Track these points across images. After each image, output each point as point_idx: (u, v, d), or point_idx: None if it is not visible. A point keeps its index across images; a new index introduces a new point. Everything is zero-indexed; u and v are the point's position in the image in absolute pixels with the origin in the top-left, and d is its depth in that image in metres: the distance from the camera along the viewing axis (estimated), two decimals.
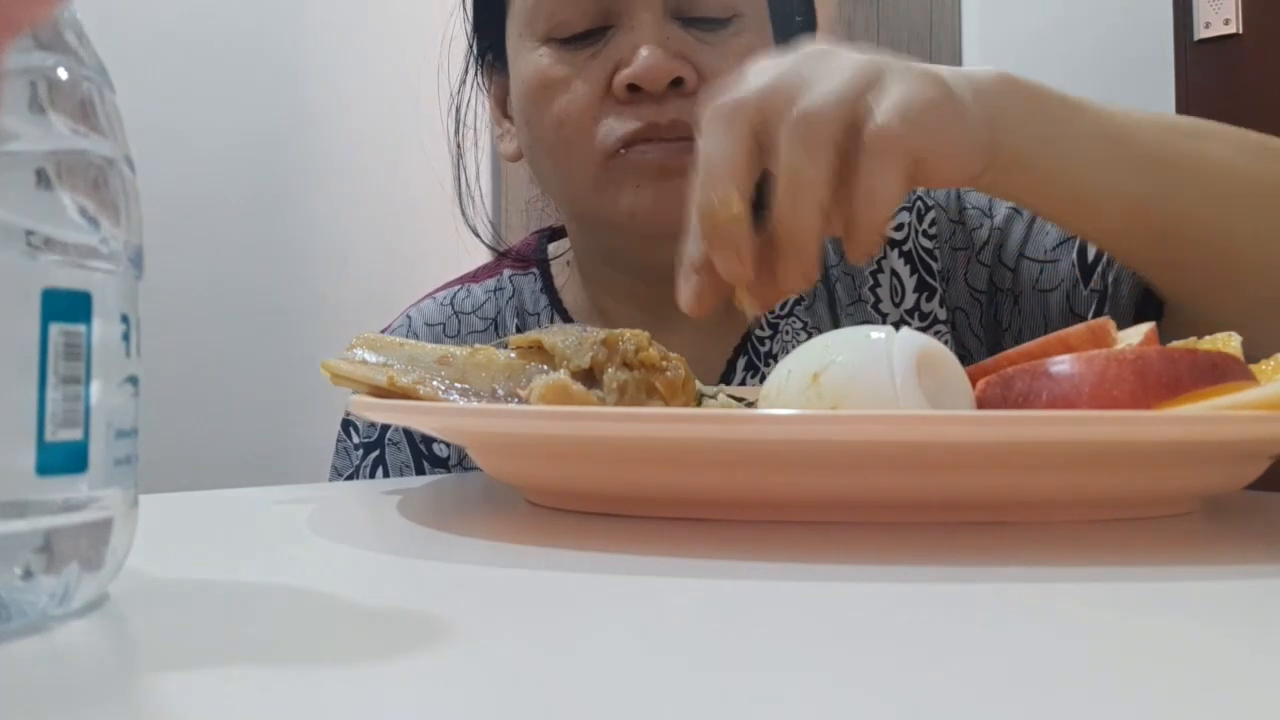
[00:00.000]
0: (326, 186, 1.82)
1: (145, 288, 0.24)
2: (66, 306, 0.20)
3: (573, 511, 0.36)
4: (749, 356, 0.66)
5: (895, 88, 0.41)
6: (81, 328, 0.20)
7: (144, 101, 1.43)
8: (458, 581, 0.26)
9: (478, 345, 0.39)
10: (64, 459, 0.20)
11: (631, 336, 0.37)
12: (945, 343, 0.64)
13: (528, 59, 0.61)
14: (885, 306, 0.66)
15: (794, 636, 0.21)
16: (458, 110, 0.72)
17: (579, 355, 0.37)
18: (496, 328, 0.70)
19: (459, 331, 0.70)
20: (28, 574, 0.20)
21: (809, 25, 0.68)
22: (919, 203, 0.68)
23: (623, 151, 0.58)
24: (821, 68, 0.41)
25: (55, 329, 0.20)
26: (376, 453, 0.68)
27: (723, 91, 0.42)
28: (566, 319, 0.70)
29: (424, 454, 0.68)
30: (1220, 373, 0.32)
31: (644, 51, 0.56)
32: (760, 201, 0.42)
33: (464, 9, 0.69)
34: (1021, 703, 0.16)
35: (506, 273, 0.73)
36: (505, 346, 0.39)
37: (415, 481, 0.50)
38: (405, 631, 0.21)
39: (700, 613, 0.23)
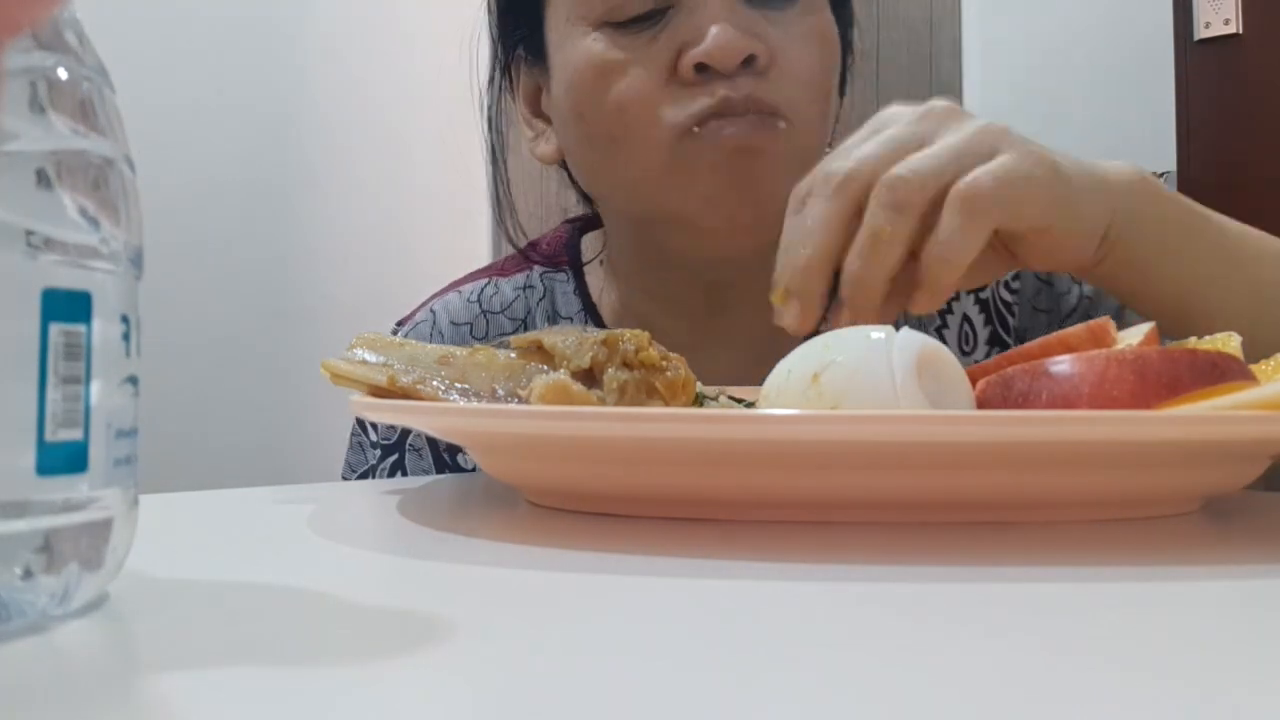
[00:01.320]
0: (327, 186, 1.82)
1: (145, 288, 0.24)
2: (66, 306, 0.20)
3: (573, 511, 0.36)
4: None
5: (1000, 158, 0.42)
6: (81, 328, 0.20)
7: (144, 101, 1.43)
8: (458, 581, 0.26)
9: (478, 345, 0.39)
10: (64, 459, 0.20)
11: (632, 337, 0.37)
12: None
13: (578, 45, 0.56)
14: (951, 350, 0.64)
15: (794, 636, 0.21)
16: (489, 114, 0.67)
17: (579, 355, 0.37)
18: (526, 328, 0.66)
19: (487, 333, 0.66)
20: (28, 574, 0.20)
21: (850, 14, 0.66)
22: None
23: (696, 130, 0.53)
24: (939, 132, 0.43)
25: (55, 329, 0.20)
26: (395, 456, 0.65)
27: (838, 155, 0.44)
28: (600, 324, 0.65)
29: (447, 463, 0.64)
30: (1220, 373, 0.32)
31: (714, 29, 0.53)
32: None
33: (489, 1, 0.65)
34: (1021, 703, 0.16)
35: (537, 270, 0.68)
36: (506, 346, 0.39)
37: (415, 482, 0.50)
38: (405, 631, 0.21)
39: (700, 613, 0.23)
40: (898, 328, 0.34)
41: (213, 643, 0.20)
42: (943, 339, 0.63)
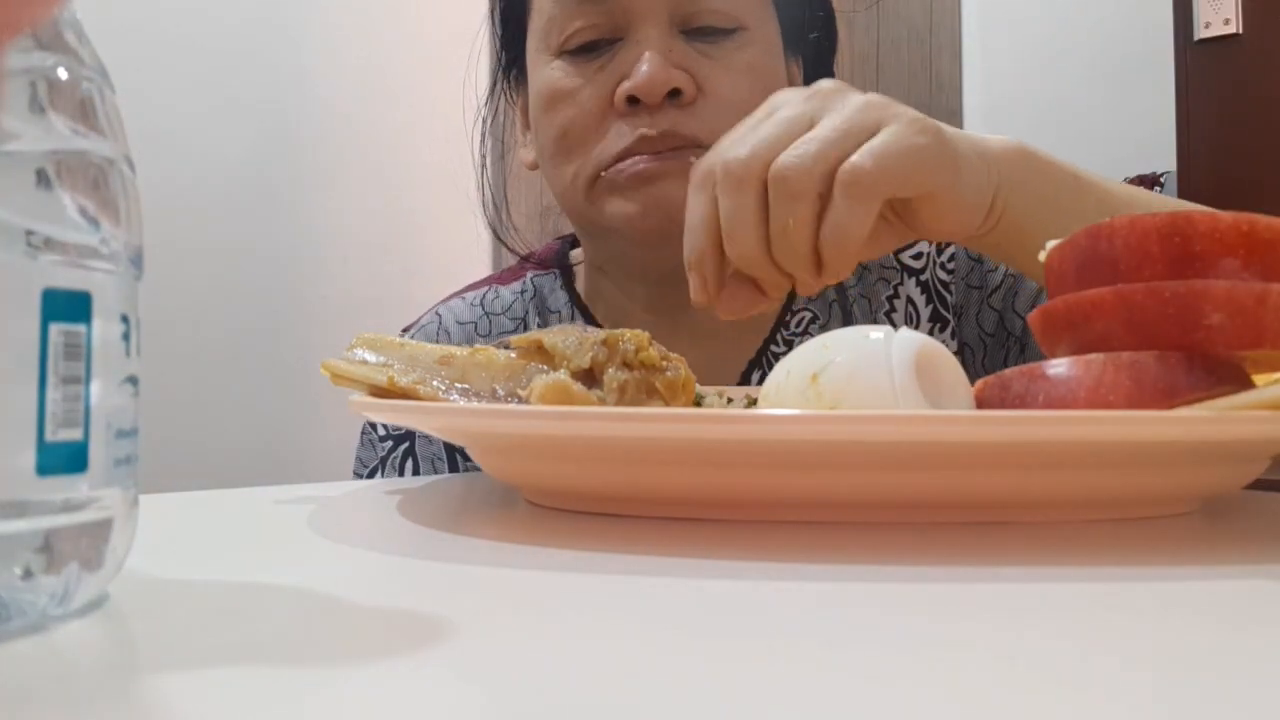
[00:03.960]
0: (327, 186, 1.82)
1: (145, 288, 0.24)
2: (66, 306, 0.20)
3: (573, 511, 0.36)
4: (764, 370, 0.68)
5: (882, 133, 0.44)
6: (81, 328, 0.20)
7: (144, 101, 1.43)
8: (458, 581, 0.26)
9: (478, 345, 0.39)
10: (64, 459, 0.20)
11: (632, 337, 0.37)
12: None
13: (542, 72, 0.63)
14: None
15: (793, 636, 0.21)
16: (484, 123, 0.75)
17: (579, 355, 0.37)
18: (525, 327, 0.72)
19: (490, 331, 0.73)
20: (28, 574, 0.20)
21: (829, 39, 0.71)
22: None
23: (617, 165, 0.60)
24: (825, 109, 0.45)
25: (55, 329, 0.20)
26: (406, 444, 0.69)
27: (735, 141, 0.46)
28: (587, 315, 0.72)
29: (456, 447, 0.68)
30: (1217, 378, 0.32)
31: (643, 65, 0.58)
32: None
33: (493, 25, 0.71)
34: (1021, 703, 0.16)
35: (530, 274, 0.75)
36: (506, 347, 0.39)
37: (415, 482, 0.50)
38: (405, 631, 0.21)
39: (700, 613, 0.23)
40: (847, 316, 0.34)
41: (213, 643, 0.20)
42: (891, 321, 0.68)
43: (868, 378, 0.32)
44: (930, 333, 0.68)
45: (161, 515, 0.36)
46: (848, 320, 0.69)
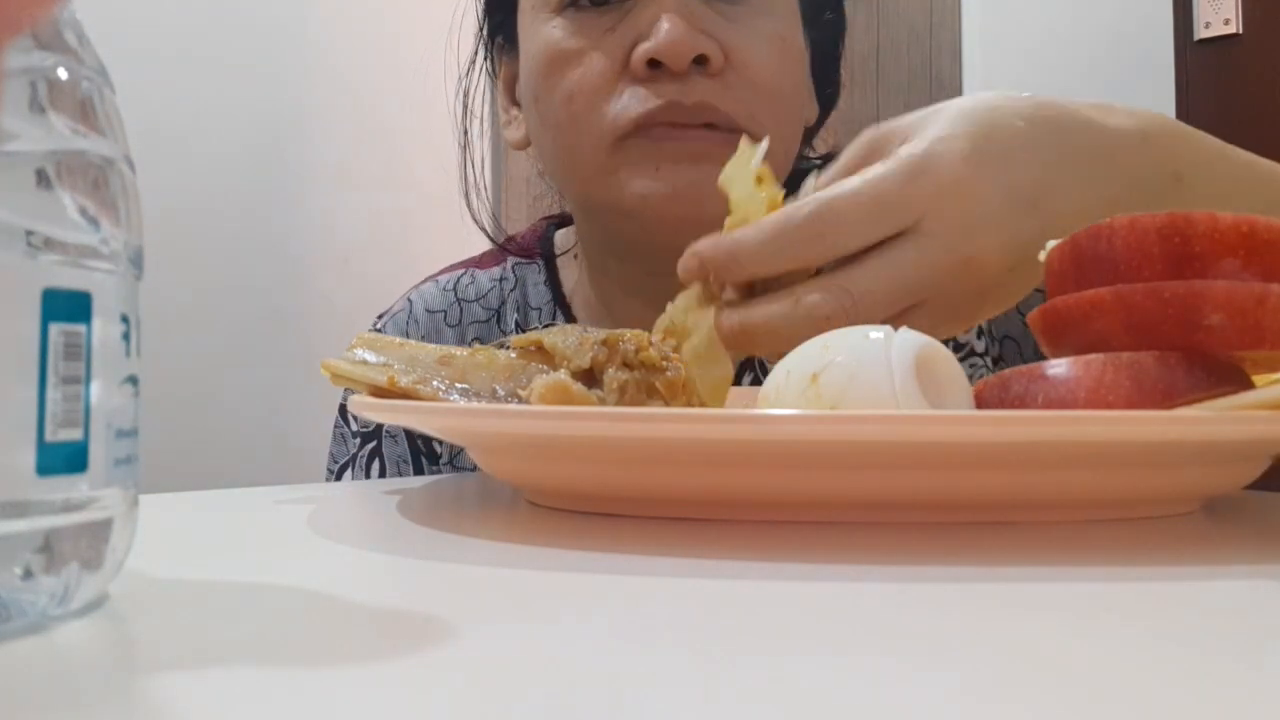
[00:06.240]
0: (327, 186, 1.82)
1: (145, 288, 0.24)
2: (66, 306, 0.20)
3: (573, 511, 0.36)
4: (755, 374, 0.66)
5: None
6: (81, 328, 0.20)
7: (144, 102, 1.43)
8: (458, 581, 0.26)
9: (478, 346, 0.39)
10: (64, 459, 0.20)
11: (632, 337, 0.37)
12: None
13: (540, 31, 0.57)
14: None
15: (794, 636, 0.21)
16: (465, 95, 0.68)
17: (579, 355, 0.37)
18: (499, 319, 0.68)
19: (460, 320, 0.68)
20: (28, 574, 0.20)
21: (839, 22, 0.65)
22: None
23: (643, 132, 0.53)
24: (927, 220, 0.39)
25: (55, 329, 0.20)
26: (373, 444, 0.66)
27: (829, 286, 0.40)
28: (568, 314, 0.67)
29: (421, 450, 0.66)
30: (1216, 379, 0.32)
31: (666, 24, 0.52)
32: None
33: None
34: (1021, 703, 0.16)
35: (510, 261, 0.69)
36: (505, 347, 0.39)
37: (415, 481, 0.50)
38: (405, 631, 0.21)
39: (700, 613, 0.23)
40: None
41: (213, 643, 0.20)
42: None
43: (868, 378, 0.32)
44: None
45: (161, 515, 0.36)
46: None
